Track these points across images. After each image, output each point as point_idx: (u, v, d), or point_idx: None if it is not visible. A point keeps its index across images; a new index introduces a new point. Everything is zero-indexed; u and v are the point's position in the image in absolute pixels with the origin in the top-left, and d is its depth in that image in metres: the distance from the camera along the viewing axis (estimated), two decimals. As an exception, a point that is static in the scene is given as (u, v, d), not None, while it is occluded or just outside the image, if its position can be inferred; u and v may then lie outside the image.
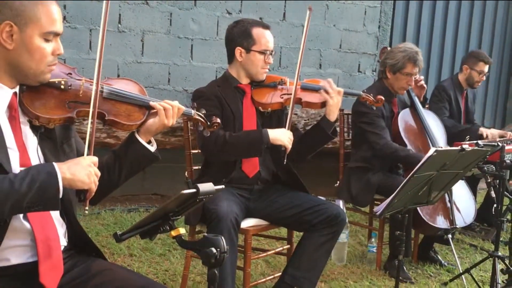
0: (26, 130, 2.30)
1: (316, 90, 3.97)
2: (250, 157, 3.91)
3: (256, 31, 3.91)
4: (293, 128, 4.02)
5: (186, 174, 4.07)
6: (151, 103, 2.60)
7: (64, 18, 5.80)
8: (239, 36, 3.92)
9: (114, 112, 2.50)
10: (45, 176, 2.07)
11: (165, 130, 2.75)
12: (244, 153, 3.88)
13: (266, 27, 3.98)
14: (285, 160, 3.85)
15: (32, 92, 2.32)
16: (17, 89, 2.29)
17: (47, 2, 2.24)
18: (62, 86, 2.39)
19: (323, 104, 3.96)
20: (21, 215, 2.20)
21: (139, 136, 2.58)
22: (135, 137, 2.58)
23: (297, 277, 3.90)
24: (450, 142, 5.16)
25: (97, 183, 2.24)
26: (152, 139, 2.65)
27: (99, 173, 2.26)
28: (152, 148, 2.61)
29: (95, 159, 2.28)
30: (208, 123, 2.96)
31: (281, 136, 3.78)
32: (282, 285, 3.95)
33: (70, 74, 2.48)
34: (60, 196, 2.07)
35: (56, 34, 2.27)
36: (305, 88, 3.97)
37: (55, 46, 2.28)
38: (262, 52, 3.89)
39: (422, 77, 5.16)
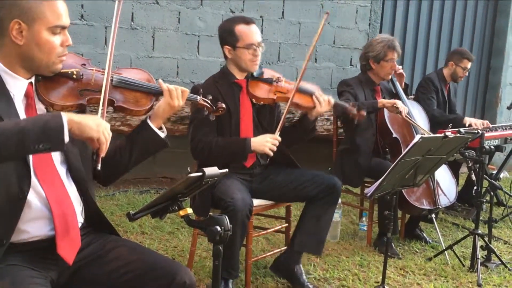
0: None
1: (308, 94, 3.85)
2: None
3: (239, 28, 3.78)
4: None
5: (189, 168, 4.02)
6: (159, 80, 2.62)
7: (82, 16, 5.79)
8: (225, 35, 3.83)
9: (123, 99, 2.50)
10: (50, 116, 2.01)
11: (173, 115, 2.72)
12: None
13: (248, 22, 3.83)
14: (267, 161, 3.86)
15: (47, 81, 2.31)
16: (32, 79, 2.28)
17: None
18: (75, 76, 2.39)
19: (310, 108, 3.85)
20: (40, 192, 2.19)
21: (151, 122, 2.58)
22: (146, 123, 2.58)
23: (305, 242, 3.90)
24: (435, 130, 5.15)
25: (108, 139, 2.17)
26: (163, 127, 2.63)
27: (110, 133, 2.19)
28: (162, 134, 2.60)
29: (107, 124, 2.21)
30: (214, 107, 2.91)
31: (262, 146, 3.69)
32: (292, 253, 3.94)
33: (84, 64, 2.47)
34: (66, 136, 1.97)
35: (63, 27, 2.25)
36: (298, 90, 3.83)
37: (64, 38, 2.26)
38: (247, 47, 3.78)
39: (400, 66, 5.15)
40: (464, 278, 4.31)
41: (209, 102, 2.89)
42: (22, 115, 2.20)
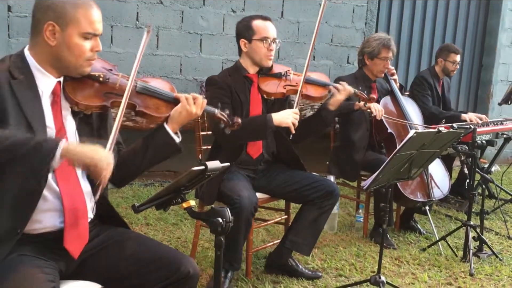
0: (67, 114, 2.33)
1: (318, 84, 3.89)
2: (257, 140, 3.86)
3: (256, 23, 3.80)
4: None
5: (200, 156, 4.03)
6: (175, 94, 2.58)
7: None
8: (242, 30, 3.83)
9: (144, 105, 2.51)
10: (49, 139, 2.07)
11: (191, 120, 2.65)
12: (251, 138, 3.80)
13: (265, 18, 3.86)
14: (291, 136, 3.77)
15: (74, 82, 2.35)
16: (61, 79, 2.31)
17: (87, 6, 2.25)
18: (101, 79, 2.41)
19: (321, 99, 3.90)
20: (54, 187, 2.20)
21: (167, 126, 2.54)
22: (163, 125, 2.54)
23: (296, 243, 3.91)
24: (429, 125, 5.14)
25: (108, 174, 2.13)
26: (179, 133, 2.58)
27: (111, 167, 2.14)
28: (177, 139, 2.55)
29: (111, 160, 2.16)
30: (230, 122, 2.87)
31: (285, 119, 3.67)
32: (282, 249, 3.96)
33: (111, 70, 2.50)
34: (54, 161, 2.00)
35: (95, 35, 2.28)
36: (308, 82, 3.87)
37: (94, 44, 2.29)
38: (262, 40, 3.77)
39: (392, 67, 5.12)
40: (457, 268, 4.31)
41: (226, 116, 2.85)
42: (47, 111, 2.23)
